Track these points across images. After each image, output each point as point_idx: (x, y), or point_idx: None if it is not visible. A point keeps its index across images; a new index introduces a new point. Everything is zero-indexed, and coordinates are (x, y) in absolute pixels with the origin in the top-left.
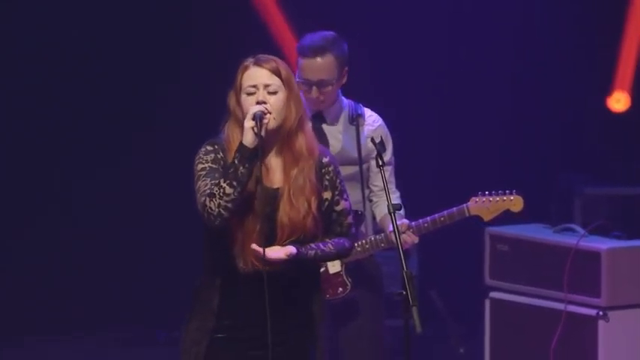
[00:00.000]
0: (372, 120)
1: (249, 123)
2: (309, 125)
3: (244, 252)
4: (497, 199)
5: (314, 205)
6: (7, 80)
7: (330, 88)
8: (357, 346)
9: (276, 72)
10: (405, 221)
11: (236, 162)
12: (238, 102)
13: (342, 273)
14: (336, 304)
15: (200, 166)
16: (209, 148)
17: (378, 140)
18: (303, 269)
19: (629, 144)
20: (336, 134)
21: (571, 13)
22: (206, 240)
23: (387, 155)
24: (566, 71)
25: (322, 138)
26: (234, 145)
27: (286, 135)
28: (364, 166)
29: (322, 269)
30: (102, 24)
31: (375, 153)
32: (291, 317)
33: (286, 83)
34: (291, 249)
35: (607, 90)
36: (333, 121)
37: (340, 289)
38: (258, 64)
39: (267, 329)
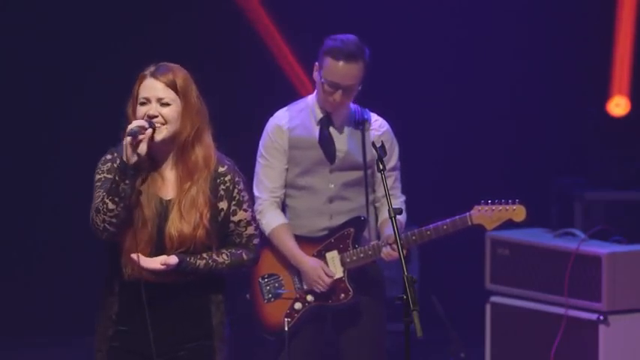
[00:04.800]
0: (378, 125)
1: (125, 139)
2: (208, 136)
3: (131, 261)
4: (500, 208)
5: (206, 217)
6: (7, 80)
7: (353, 92)
8: (357, 353)
9: (172, 85)
10: (391, 234)
11: (117, 178)
12: (134, 111)
13: (345, 279)
14: (338, 309)
15: (97, 176)
16: (108, 157)
17: (378, 145)
18: (197, 279)
19: (629, 148)
20: (342, 138)
21: (566, 17)
22: (105, 248)
23: (393, 160)
24: (566, 77)
25: (329, 141)
26: None
27: (181, 146)
28: (369, 171)
29: None
30: (102, 24)
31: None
32: (185, 329)
33: (182, 95)
34: (170, 259)
35: (607, 94)
36: (340, 125)
37: (342, 295)
38: (154, 75)
39: (152, 339)
